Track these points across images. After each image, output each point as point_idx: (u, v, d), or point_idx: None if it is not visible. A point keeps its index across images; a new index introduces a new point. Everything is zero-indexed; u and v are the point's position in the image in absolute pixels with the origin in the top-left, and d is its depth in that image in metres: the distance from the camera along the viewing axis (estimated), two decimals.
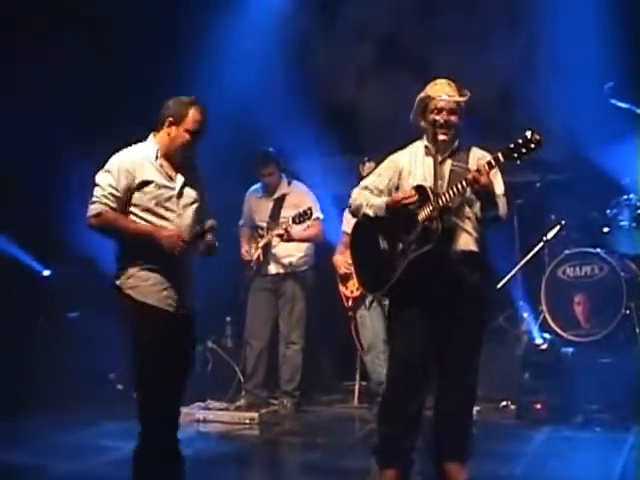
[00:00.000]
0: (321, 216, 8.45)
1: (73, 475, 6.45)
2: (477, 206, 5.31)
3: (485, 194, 5.14)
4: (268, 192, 8.60)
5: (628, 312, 7.89)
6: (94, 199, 5.08)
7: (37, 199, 9.18)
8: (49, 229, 9.07)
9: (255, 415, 7.98)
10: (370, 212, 5.45)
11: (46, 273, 9.46)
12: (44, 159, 9.09)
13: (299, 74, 10.38)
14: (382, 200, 5.40)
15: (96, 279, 8.50)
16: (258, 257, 8.34)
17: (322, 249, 8.57)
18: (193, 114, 5.14)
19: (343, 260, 8.00)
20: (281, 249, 8.35)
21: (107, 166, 5.14)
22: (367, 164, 7.90)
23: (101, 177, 5.11)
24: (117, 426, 7.61)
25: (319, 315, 9.37)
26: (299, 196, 8.46)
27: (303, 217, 7.78)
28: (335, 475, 6.45)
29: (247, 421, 7.91)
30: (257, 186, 8.70)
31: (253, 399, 8.38)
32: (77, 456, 6.82)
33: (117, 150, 5.22)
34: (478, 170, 5.06)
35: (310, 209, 7.80)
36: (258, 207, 8.63)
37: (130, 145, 5.26)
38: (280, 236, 8.05)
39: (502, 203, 5.33)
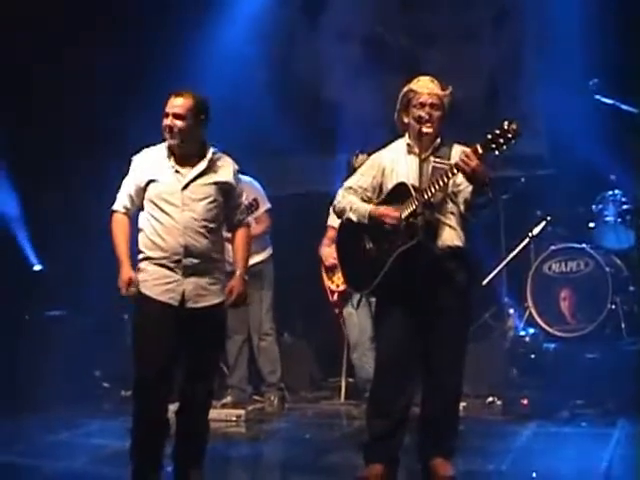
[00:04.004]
0: (269, 206, 8.39)
1: (68, 474, 6.38)
2: (461, 200, 5.31)
3: (477, 178, 5.08)
4: None
5: (614, 307, 7.91)
6: (117, 196, 5.50)
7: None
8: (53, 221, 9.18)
9: (241, 412, 7.95)
10: (353, 217, 5.48)
11: (37, 268, 9.46)
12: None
13: (283, 72, 10.40)
14: (366, 208, 5.42)
15: (86, 276, 8.54)
16: None
17: (308, 243, 8.54)
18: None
19: (330, 252, 7.96)
20: None
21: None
22: (360, 156, 7.85)
23: (127, 176, 5.49)
24: (105, 424, 7.61)
25: (305, 312, 9.39)
26: (243, 189, 8.34)
27: (249, 210, 7.69)
28: (322, 472, 6.43)
29: (233, 418, 7.87)
30: None
31: (239, 394, 8.36)
32: (69, 455, 6.75)
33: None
34: (466, 155, 5.05)
35: (256, 200, 7.69)
36: None
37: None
38: (228, 240, 8.00)
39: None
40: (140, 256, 5.37)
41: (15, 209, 9.35)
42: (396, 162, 5.47)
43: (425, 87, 5.39)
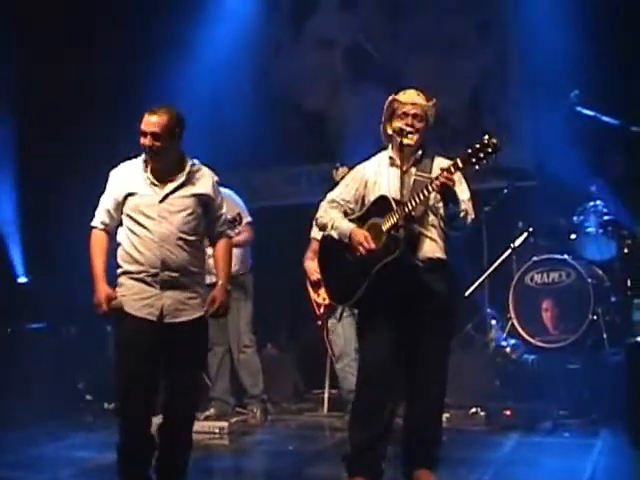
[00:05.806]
0: (249, 219, 8.33)
1: None
2: (443, 214, 5.35)
3: (445, 191, 5.16)
4: None
5: (595, 318, 7.93)
6: (96, 212, 5.46)
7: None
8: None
9: (225, 424, 7.92)
10: (334, 234, 5.50)
11: (22, 280, 9.43)
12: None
13: (269, 82, 10.42)
14: (347, 227, 5.43)
15: (72, 289, 8.51)
16: None
17: (292, 255, 8.54)
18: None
19: (315, 267, 7.95)
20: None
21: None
22: (340, 169, 7.86)
23: (105, 192, 5.45)
24: (88, 437, 7.59)
25: (288, 324, 9.37)
26: (224, 201, 8.33)
27: (233, 224, 7.68)
28: None
29: (216, 430, 7.85)
30: None
31: (222, 407, 8.34)
32: (52, 468, 6.70)
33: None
34: (448, 171, 5.08)
35: (239, 214, 7.70)
36: None
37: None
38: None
39: (468, 207, 5.36)
40: (118, 270, 5.35)
41: (10, 212, 9.35)
42: (379, 174, 5.49)
43: (410, 98, 5.42)
